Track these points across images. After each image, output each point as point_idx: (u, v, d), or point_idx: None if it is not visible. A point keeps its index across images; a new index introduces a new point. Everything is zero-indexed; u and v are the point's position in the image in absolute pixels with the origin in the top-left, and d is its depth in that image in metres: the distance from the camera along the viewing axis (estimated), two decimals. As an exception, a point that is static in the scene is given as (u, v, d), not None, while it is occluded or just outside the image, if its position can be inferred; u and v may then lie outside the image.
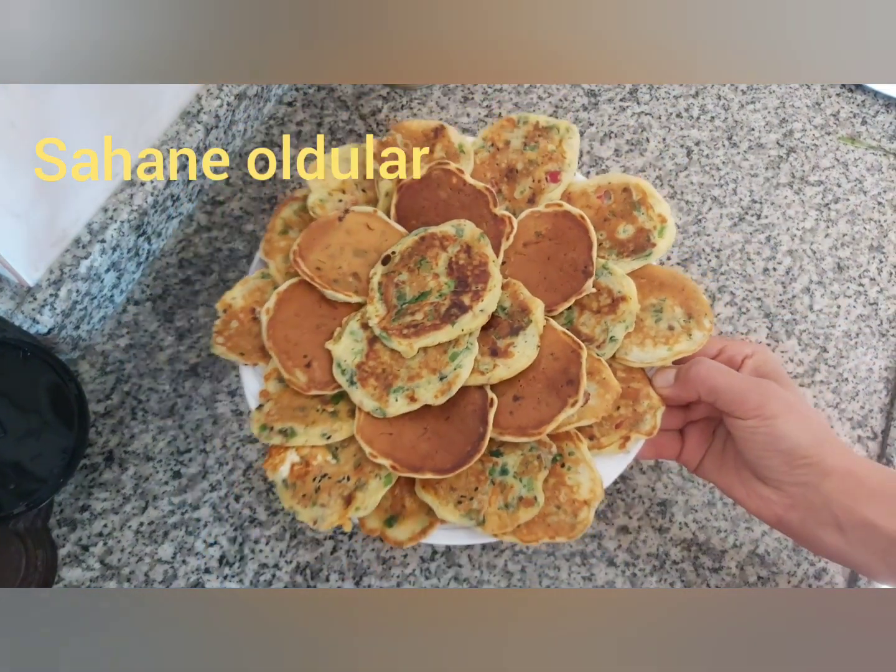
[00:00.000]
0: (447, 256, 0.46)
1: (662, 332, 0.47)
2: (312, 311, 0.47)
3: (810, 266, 0.68)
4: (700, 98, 0.77)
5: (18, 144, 0.47)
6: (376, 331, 0.45)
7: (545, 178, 0.51)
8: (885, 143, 0.76)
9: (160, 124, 0.61)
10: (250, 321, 0.48)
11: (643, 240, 0.49)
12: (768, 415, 0.42)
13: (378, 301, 0.46)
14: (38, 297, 0.53)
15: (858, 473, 0.42)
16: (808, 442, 0.42)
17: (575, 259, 0.47)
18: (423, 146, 0.51)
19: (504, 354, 0.44)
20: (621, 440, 0.45)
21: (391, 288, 0.46)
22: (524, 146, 0.52)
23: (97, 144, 0.54)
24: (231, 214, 0.67)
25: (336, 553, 0.53)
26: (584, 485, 0.44)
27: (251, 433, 0.57)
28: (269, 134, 0.71)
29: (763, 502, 0.45)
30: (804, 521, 0.43)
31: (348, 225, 0.48)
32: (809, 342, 0.64)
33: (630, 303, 0.46)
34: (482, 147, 0.53)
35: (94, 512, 0.53)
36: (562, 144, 0.51)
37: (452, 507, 0.43)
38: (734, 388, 0.43)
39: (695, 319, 0.47)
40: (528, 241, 0.49)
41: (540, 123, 0.52)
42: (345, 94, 0.74)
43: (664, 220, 0.49)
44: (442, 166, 0.49)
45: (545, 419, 0.43)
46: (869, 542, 0.42)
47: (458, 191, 0.49)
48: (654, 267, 0.49)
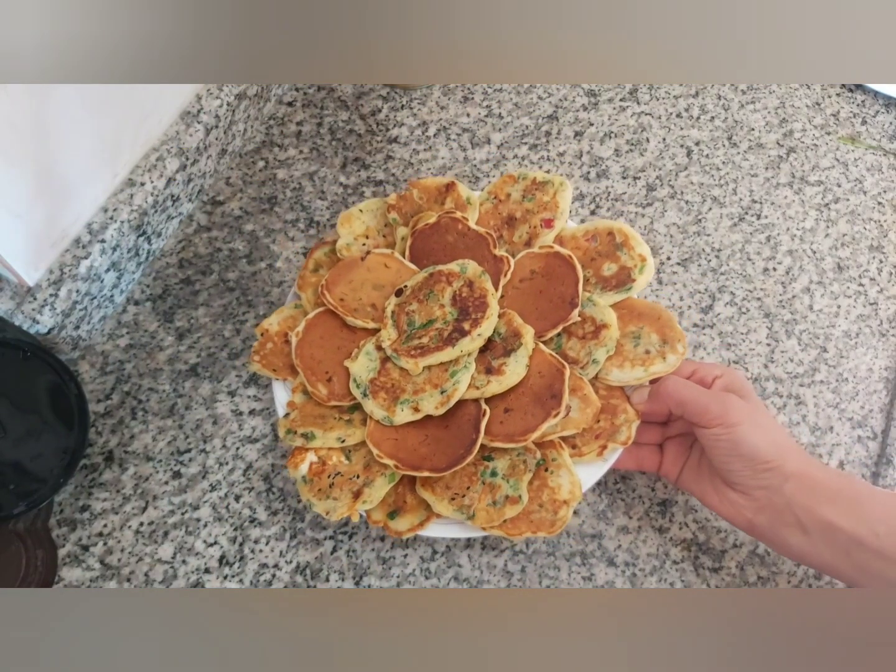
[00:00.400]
0: (452, 290, 0.53)
1: (640, 355, 0.53)
2: (335, 335, 0.54)
3: (810, 266, 0.68)
4: (700, 98, 0.77)
5: (18, 144, 0.47)
6: (388, 352, 0.52)
7: (540, 224, 0.58)
8: (885, 143, 0.76)
9: (160, 124, 0.61)
10: (283, 343, 0.56)
11: (625, 276, 0.55)
12: (729, 423, 0.46)
13: (391, 327, 0.53)
14: (38, 297, 0.53)
15: (816, 476, 0.46)
16: (766, 447, 0.46)
17: (563, 292, 0.54)
18: (436, 199, 0.59)
19: (497, 372, 0.50)
20: (599, 449, 0.50)
21: (403, 316, 0.53)
22: (523, 198, 0.59)
23: (97, 143, 0.54)
24: (231, 214, 0.67)
25: (336, 553, 0.53)
26: (564, 486, 0.49)
27: (251, 433, 0.57)
28: (269, 134, 0.71)
29: (734, 507, 0.48)
30: (772, 524, 0.46)
31: (369, 264, 0.56)
32: (809, 342, 0.64)
33: (611, 330, 0.53)
34: (486, 199, 0.60)
35: (94, 512, 0.53)
36: (555, 196, 0.58)
37: (447, 503, 0.48)
38: (698, 400, 0.48)
39: (669, 344, 0.53)
40: (523, 277, 0.56)
41: (537, 179, 0.59)
42: (345, 94, 0.74)
43: (644, 259, 0.56)
44: (449, 215, 0.57)
45: (531, 428, 0.48)
46: (831, 542, 0.44)
47: (463, 235, 0.56)
48: (635, 299, 0.56)
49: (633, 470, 0.56)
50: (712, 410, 0.47)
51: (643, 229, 0.69)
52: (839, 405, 0.62)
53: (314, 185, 0.69)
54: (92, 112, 0.52)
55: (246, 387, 0.59)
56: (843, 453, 0.60)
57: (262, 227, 0.66)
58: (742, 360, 0.63)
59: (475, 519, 0.47)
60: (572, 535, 0.55)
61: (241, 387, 0.59)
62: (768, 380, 0.62)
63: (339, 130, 0.72)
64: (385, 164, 0.70)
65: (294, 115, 0.73)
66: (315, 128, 0.72)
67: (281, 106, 0.73)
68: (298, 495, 0.55)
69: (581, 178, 0.71)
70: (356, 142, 0.72)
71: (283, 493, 0.55)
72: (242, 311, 0.62)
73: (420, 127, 0.73)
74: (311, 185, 0.69)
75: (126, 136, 0.57)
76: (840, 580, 0.47)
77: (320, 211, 0.67)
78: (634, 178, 0.71)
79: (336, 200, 0.68)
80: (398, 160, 0.71)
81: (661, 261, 0.67)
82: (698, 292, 0.66)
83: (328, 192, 0.68)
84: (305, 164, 0.70)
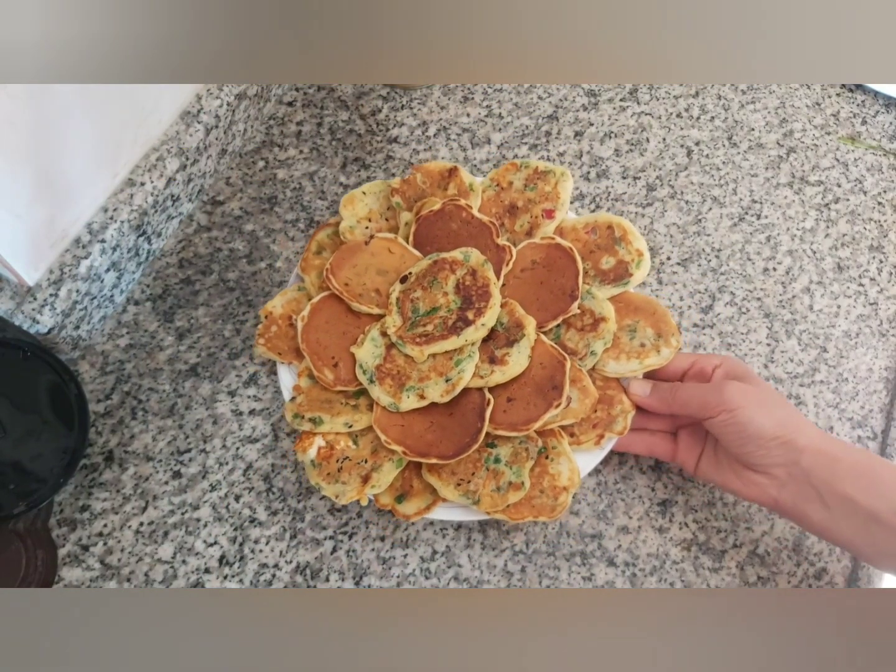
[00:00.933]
0: (455, 278, 0.54)
1: (635, 348, 0.54)
2: (340, 320, 0.55)
3: (810, 266, 0.68)
4: (700, 98, 0.77)
5: (18, 144, 0.47)
6: (393, 338, 0.52)
7: (542, 214, 0.59)
8: (885, 143, 0.76)
9: (160, 124, 0.61)
10: (287, 326, 0.56)
11: (622, 270, 0.57)
12: (731, 407, 0.47)
13: (396, 313, 0.53)
14: (38, 296, 0.53)
15: (831, 451, 0.46)
16: (772, 424, 0.47)
17: (564, 284, 0.55)
18: (439, 184, 0.60)
19: (500, 362, 0.51)
20: (597, 438, 0.52)
21: (407, 303, 0.53)
22: (525, 187, 0.60)
23: (97, 143, 0.54)
24: (231, 214, 0.67)
25: (336, 553, 0.53)
26: (564, 473, 0.51)
27: (251, 433, 0.57)
28: (269, 134, 0.71)
29: (758, 488, 0.48)
30: (795, 500, 0.47)
31: (373, 248, 0.56)
32: (809, 342, 0.64)
33: (609, 323, 0.54)
34: (489, 186, 0.61)
35: (94, 512, 0.53)
36: (557, 186, 0.59)
37: (453, 488, 0.49)
38: (696, 396, 0.49)
39: (663, 338, 0.54)
40: (524, 267, 0.57)
41: (539, 168, 0.60)
42: (345, 94, 0.74)
43: (641, 254, 0.57)
44: (454, 202, 0.57)
45: (533, 418, 0.50)
46: (851, 517, 0.45)
47: (466, 223, 0.57)
48: (632, 293, 0.57)
49: (645, 455, 0.56)
50: (711, 401, 0.48)
51: (643, 229, 0.69)
52: (839, 405, 0.62)
53: (314, 185, 0.69)
54: (92, 112, 0.52)
55: (246, 387, 0.59)
56: (843, 453, 0.60)
57: (262, 227, 0.66)
58: (742, 360, 0.63)
59: (480, 504, 0.49)
60: (572, 535, 0.55)
61: (241, 387, 0.59)
62: (768, 380, 0.62)
63: (339, 130, 0.72)
64: (385, 164, 0.70)
65: (294, 115, 0.73)
66: (315, 128, 0.72)
67: (281, 106, 0.73)
68: (299, 495, 0.55)
69: (581, 178, 0.71)
70: (356, 142, 0.72)
71: (283, 493, 0.55)
72: (242, 311, 0.62)
73: (420, 127, 0.73)
74: (311, 185, 0.69)
75: (126, 136, 0.57)
76: (861, 558, 0.48)
77: (320, 211, 0.67)
78: (634, 178, 0.71)
79: (336, 200, 0.68)
80: (398, 160, 0.71)
81: (661, 261, 0.67)
82: (698, 292, 0.66)
83: (328, 192, 0.68)
84: (305, 164, 0.70)
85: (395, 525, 0.54)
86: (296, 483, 0.55)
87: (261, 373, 0.59)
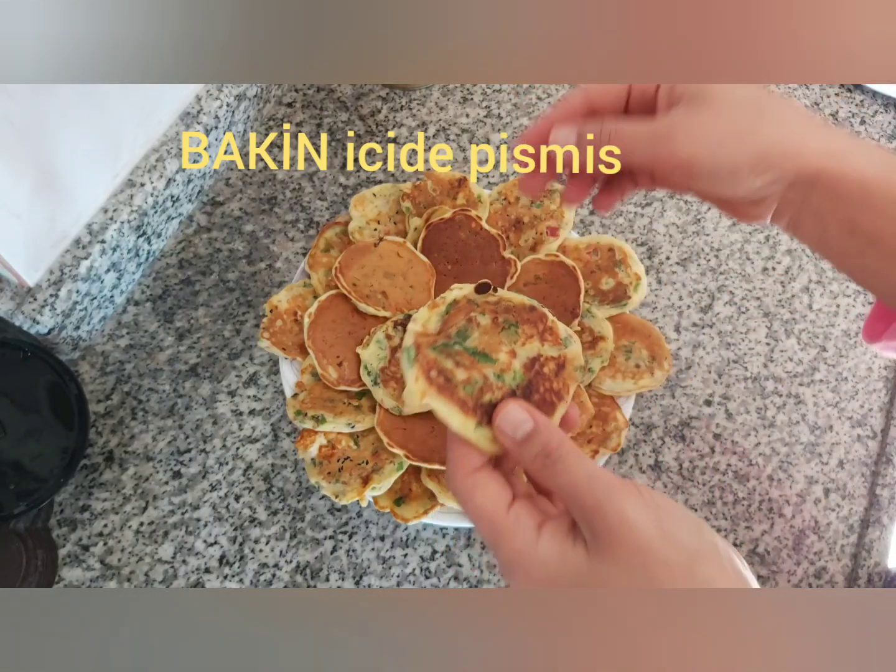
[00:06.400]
0: (538, 350, 0.35)
1: (630, 368, 0.56)
2: (346, 320, 0.55)
3: (809, 265, 0.68)
4: (699, 98, 0.77)
5: (18, 144, 0.47)
6: (407, 339, 0.34)
7: (546, 231, 0.61)
8: (885, 143, 0.76)
9: (160, 124, 0.61)
10: (293, 322, 0.57)
11: (621, 292, 0.59)
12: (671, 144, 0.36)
13: (438, 315, 0.35)
14: (38, 297, 0.53)
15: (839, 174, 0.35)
16: (719, 151, 0.36)
17: (565, 301, 0.56)
18: (448, 192, 0.61)
19: None
20: (591, 453, 0.53)
21: (460, 317, 0.35)
22: (531, 203, 0.61)
23: (97, 144, 0.54)
24: (231, 215, 0.67)
25: (336, 553, 0.53)
26: None
27: (251, 433, 0.57)
28: (269, 134, 0.71)
29: (756, 210, 0.39)
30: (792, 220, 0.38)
31: (382, 251, 0.57)
32: (809, 341, 0.64)
33: (607, 342, 0.56)
34: (496, 199, 0.62)
35: (94, 512, 0.53)
36: (562, 206, 0.61)
37: (451, 495, 0.47)
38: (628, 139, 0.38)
39: (657, 361, 0.57)
40: (528, 281, 0.58)
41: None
42: (344, 95, 0.74)
43: (639, 278, 0.59)
44: (464, 212, 0.58)
45: None
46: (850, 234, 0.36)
47: (475, 233, 0.58)
48: (628, 315, 0.59)
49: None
50: (640, 148, 0.36)
51: (643, 229, 0.69)
52: (839, 404, 0.62)
53: (314, 186, 0.69)
54: (92, 112, 0.52)
55: (246, 387, 0.59)
56: (843, 452, 0.60)
57: (262, 228, 0.66)
58: (741, 360, 0.63)
59: None
60: (572, 534, 0.55)
61: (241, 387, 0.59)
62: (768, 379, 0.62)
63: (339, 131, 0.72)
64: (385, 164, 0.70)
65: (294, 115, 0.73)
66: (315, 128, 0.72)
67: (281, 106, 0.73)
68: (298, 495, 0.55)
69: (581, 178, 0.71)
70: (356, 142, 0.72)
71: (283, 493, 0.55)
72: (242, 311, 0.62)
73: (419, 127, 0.73)
74: (311, 185, 0.69)
75: (126, 137, 0.57)
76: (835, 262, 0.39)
77: (320, 211, 0.67)
78: (634, 178, 0.71)
79: (336, 201, 0.68)
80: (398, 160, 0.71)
81: (660, 260, 0.67)
82: (697, 292, 0.66)
83: (328, 192, 0.68)
84: (305, 164, 0.70)
85: (395, 525, 0.55)
86: (296, 483, 0.55)
87: (261, 373, 0.59)
